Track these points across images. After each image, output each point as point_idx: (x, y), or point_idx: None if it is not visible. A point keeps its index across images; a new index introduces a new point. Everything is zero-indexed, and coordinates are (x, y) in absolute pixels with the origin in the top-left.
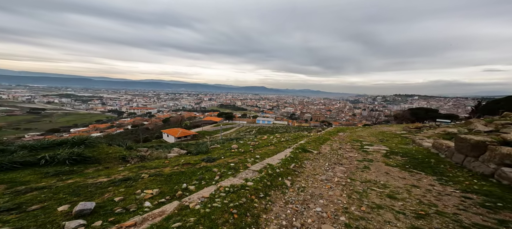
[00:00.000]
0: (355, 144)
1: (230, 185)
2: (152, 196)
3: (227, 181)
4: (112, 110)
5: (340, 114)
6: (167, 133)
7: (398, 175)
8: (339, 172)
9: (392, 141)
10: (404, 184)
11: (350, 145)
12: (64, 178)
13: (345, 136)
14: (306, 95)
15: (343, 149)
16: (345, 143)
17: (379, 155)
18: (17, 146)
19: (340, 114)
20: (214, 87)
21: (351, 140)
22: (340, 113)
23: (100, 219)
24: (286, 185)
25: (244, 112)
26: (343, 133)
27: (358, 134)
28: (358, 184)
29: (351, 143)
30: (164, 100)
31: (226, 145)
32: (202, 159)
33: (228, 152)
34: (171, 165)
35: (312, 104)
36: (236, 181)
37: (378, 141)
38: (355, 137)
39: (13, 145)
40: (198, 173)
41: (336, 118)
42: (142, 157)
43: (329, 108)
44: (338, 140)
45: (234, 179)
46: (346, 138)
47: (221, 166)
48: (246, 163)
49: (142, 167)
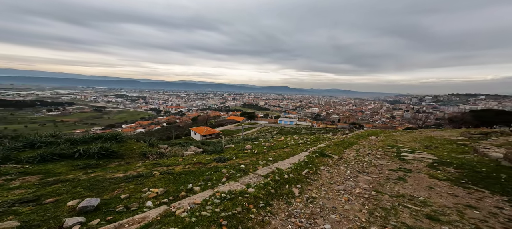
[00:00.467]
0: (390, 150)
1: (228, 190)
2: (157, 195)
3: (226, 186)
4: (152, 108)
5: (374, 116)
6: (194, 131)
7: (448, 191)
8: (362, 182)
9: (444, 148)
10: (454, 203)
11: (382, 151)
12: (89, 171)
13: (378, 140)
14: (334, 95)
15: (372, 155)
16: (376, 149)
17: (421, 165)
18: (64, 139)
19: (375, 115)
20: (238, 87)
21: (385, 145)
22: (374, 114)
23: (99, 217)
24: (293, 194)
25: (266, 112)
26: (375, 137)
27: (396, 139)
28: (386, 198)
29: (385, 148)
30: (193, 99)
31: (240, 145)
32: (213, 159)
33: (241, 152)
34: (183, 164)
35: (340, 105)
36: (236, 186)
37: (422, 148)
38: (390, 142)
39: (61, 138)
40: (207, 173)
41: (370, 120)
42: (161, 154)
43: (361, 109)
44: (368, 144)
45: (235, 184)
46: (379, 143)
47: (231, 167)
48: (257, 165)
49: (157, 165)
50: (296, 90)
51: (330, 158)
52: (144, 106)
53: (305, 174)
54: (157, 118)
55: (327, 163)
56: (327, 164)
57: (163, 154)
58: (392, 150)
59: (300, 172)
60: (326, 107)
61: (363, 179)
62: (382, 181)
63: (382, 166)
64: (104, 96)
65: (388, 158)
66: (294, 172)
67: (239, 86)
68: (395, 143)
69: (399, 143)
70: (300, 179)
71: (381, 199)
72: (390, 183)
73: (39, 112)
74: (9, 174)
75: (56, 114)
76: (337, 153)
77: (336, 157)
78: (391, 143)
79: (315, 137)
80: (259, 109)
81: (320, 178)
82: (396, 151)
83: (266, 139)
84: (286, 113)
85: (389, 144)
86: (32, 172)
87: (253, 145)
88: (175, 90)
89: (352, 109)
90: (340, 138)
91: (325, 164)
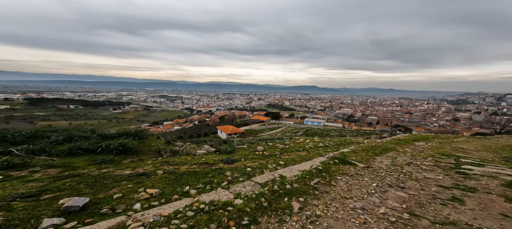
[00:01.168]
0: (444, 160)
1: (209, 201)
2: (149, 197)
3: (211, 195)
4: (187, 108)
5: (428, 118)
6: (220, 129)
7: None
8: (392, 200)
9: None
10: None
11: (431, 160)
12: (103, 167)
13: (428, 147)
14: (371, 94)
15: (415, 166)
16: (423, 158)
17: (494, 183)
18: (97, 134)
19: (429, 117)
20: (264, 87)
21: (438, 154)
22: (429, 116)
23: (79, 219)
24: (291, 210)
25: (292, 112)
26: (425, 143)
27: (456, 147)
28: (424, 225)
29: (436, 158)
30: (221, 99)
31: (252, 146)
32: (221, 160)
33: (251, 154)
34: (190, 163)
35: (380, 105)
36: (221, 196)
37: (497, 160)
38: (447, 150)
39: (95, 134)
40: (210, 175)
41: (421, 122)
42: (174, 152)
43: (408, 110)
44: (412, 152)
45: (224, 192)
46: (428, 151)
47: (236, 170)
48: (265, 169)
49: (165, 163)
50: (326, 90)
51: (353, 166)
52: (181, 105)
53: (314, 185)
54: (191, 116)
55: (347, 172)
56: (347, 174)
57: (177, 152)
58: (448, 160)
59: (308, 182)
60: (362, 108)
61: (394, 195)
62: (423, 200)
63: (428, 180)
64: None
65: (440, 171)
66: (300, 181)
67: (264, 86)
68: (455, 152)
69: (460, 152)
70: (305, 191)
71: (417, 225)
72: (436, 204)
73: (107, 110)
74: (36, 166)
75: (118, 112)
76: (363, 161)
77: (361, 166)
78: (447, 152)
79: (340, 140)
80: (284, 109)
81: (333, 190)
82: (454, 162)
83: (282, 141)
84: (314, 113)
85: (445, 152)
86: (56, 165)
87: (266, 147)
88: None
89: (396, 110)
90: (372, 142)
91: (344, 173)
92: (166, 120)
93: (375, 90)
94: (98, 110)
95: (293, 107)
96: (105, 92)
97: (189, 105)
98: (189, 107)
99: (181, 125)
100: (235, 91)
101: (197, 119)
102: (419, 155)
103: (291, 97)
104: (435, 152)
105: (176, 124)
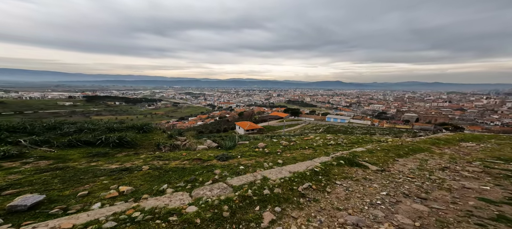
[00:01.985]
0: (500, 165)
1: (151, 207)
2: (117, 196)
3: (158, 199)
4: (209, 104)
5: (488, 115)
6: (239, 125)
7: None
8: (403, 215)
9: None
10: None
11: (480, 165)
12: (94, 159)
13: (478, 149)
14: (410, 89)
15: (452, 171)
16: (466, 162)
17: None
18: (104, 127)
19: (490, 115)
20: (283, 83)
21: (491, 158)
22: (488, 113)
23: (17, 221)
24: (258, 224)
25: (313, 109)
26: (475, 144)
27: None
28: None
29: (486, 162)
30: (241, 96)
31: (255, 142)
32: (215, 156)
33: (250, 151)
34: (182, 159)
35: (422, 100)
36: (173, 202)
37: None
38: (508, 153)
39: (102, 126)
40: (197, 172)
41: (478, 121)
42: (174, 146)
43: (460, 106)
44: (452, 154)
45: (181, 196)
46: (477, 153)
47: (228, 168)
48: (260, 168)
49: (157, 158)
50: (352, 85)
51: (362, 168)
52: (204, 102)
53: (303, 191)
54: (212, 112)
55: (352, 175)
56: (352, 178)
57: (177, 146)
58: (505, 166)
59: (295, 187)
60: (397, 104)
61: (408, 208)
62: (450, 217)
63: (467, 191)
64: (179, 93)
65: (489, 179)
66: (286, 185)
67: (284, 82)
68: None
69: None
70: (288, 198)
71: None
72: (470, 224)
73: (143, 107)
74: (31, 157)
75: (152, 108)
76: (379, 162)
77: (373, 169)
78: (507, 155)
79: (357, 138)
80: (305, 106)
81: (325, 199)
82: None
83: (288, 138)
84: (338, 110)
85: (503, 156)
86: (51, 156)
87: (269, 143)
88: (226, 87)
89: (444, 106)
90: (398, 141)
91: (348, 177)
92: (190, 115)
93: (415, 84)
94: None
95: (314, 104)
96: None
97: (211, 102)
98: (211, 103)
99: (204, 121)
100: (255, 88)
101: (218, 115)
102: (463, 158)
103: (312, 93)
104: (488, 155)
105: (199, 120)
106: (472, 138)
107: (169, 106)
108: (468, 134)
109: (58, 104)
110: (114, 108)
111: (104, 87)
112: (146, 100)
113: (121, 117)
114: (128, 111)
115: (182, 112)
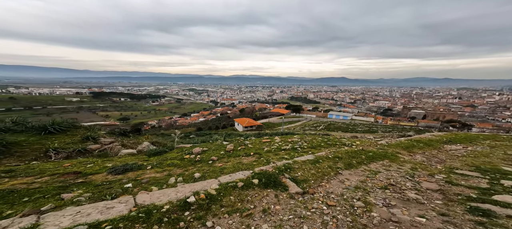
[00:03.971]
0: (467, 180)
1: None
2: None
3: None
4: (212, 100)
5: (499, 112)
6: (237, 122)
7: None
8: None
9: None
10: None
11: (443, 180)
12: None
13: (464, 153)
14: (418, 85)
15: (395, 191)
16: (427, 174)
17: None
18: (32, 125)
19: (502, 111)
20: (287, 80)
21: (465, 167)
22: (500, 110)
23: None
24: None
25: (316, 106)
26: (462, 147)
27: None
28: None
29: (453, 175)
30: (244, 92)
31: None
32: (111, 168)
33: (177, 158)
34: (47, 173)
35: (430, 97)
36: None
37: None
38: (496, 160)
39: (29, 124)
40: (40, 195)
41: (489, 118)
42: (85, 152)
43: (471, 103)
44: (418, 162)
45: None
46: (453, 160)
47: (100, 187)
48: (155, 186)
49: (11, 171)
50: (357, 81)
51: (279, 190)
52: (207, 98)
53: None
54: (214, 109)
55: (249, 206)
56: (245, 210)
57: (90, 151)
58: (475, 181)
59: None
60: (404, 100)
61: None
62: None
63: (388, 226)
64: (182, 90)
65: (438, 204)
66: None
67: (287, 79)
68: (508, 163)
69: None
70: None
71: None
72: None
73: (148, 103)
74: None
75: (156, 105)
76: (311, 179)
77: (293, 191)
78: (492, 163)
79: (322, 140)
80: (308, 102)
81: None
82: (486, 184)
83: (242, 140)
84: (342, 106)
85: (485, 164)
86: None
87: (212, 147)
88: (229, 84)
89: (453, 103)
90: (367, 143)
91: (240, 210)
92: (193, 112)
93: (424, 81)
94: (141, 102)
95: (317, 100)
96: (146, 87)
97: (214, 98)
98: (214, 100)
99: (206, 117)
100: (258, 84)
101: (220, 112)
102: (429, 169)
103: (316, 89)
104: (467, 163)
105: (201, 116)
106: (464, 138)
107: (172, 102)
108: (461, 134)
109: (65, 100)
110: (119, 104)
111: (110, 84)
112: (150, 96)
113: (126, 113)
114: (133, 107)
115: (185, 108)
